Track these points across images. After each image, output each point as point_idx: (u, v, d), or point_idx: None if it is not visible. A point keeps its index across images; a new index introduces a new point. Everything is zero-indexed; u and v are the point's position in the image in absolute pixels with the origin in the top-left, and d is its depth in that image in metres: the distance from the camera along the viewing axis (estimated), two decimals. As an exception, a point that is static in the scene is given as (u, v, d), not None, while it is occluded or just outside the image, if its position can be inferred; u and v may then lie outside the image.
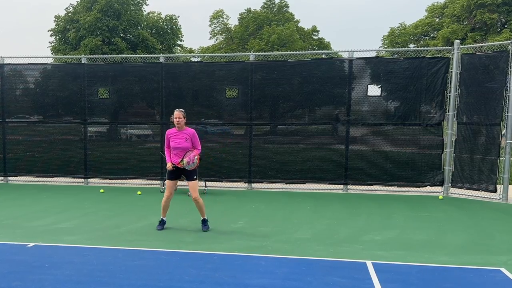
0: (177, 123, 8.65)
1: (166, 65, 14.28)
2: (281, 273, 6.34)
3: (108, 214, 10.50)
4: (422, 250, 7.56)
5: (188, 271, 6.39)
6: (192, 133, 8.70)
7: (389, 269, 6.55)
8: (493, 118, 12.06)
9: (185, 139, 8.64)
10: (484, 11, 37.19)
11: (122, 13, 38.79)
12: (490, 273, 6.43)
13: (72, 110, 15.16)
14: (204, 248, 7.59)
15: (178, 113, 8.66)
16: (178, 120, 8.63)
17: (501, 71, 11.87)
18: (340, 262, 6.89)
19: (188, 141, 8.64)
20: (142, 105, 15.40)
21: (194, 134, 8.71)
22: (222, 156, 14.32)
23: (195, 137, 8.71)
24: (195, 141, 8.71)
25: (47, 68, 15.62)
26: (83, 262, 6.80)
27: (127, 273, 6.33)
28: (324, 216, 10.21)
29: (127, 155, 15.06)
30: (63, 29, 40.48)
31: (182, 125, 8.68)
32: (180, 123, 8.64)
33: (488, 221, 9.81)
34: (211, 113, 14.55)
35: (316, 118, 14.14)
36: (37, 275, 6.23)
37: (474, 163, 12.42)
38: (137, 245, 7.78)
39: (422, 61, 12.94)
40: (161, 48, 41.87)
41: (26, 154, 15.43)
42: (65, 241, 8.04)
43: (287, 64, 13.78)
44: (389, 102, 13.66)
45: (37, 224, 9.32)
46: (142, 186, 14.46)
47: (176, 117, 8.63)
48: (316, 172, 13.70)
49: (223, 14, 48.92)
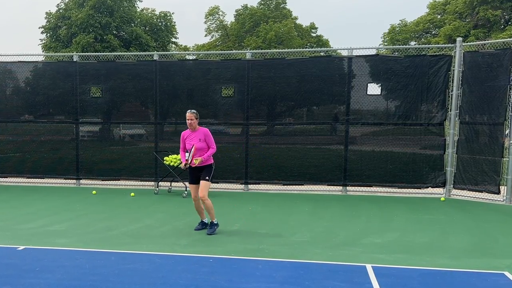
0: (189, 125, 8.72)
1: (160, 63, 14.27)
2: (278, 277, 6.33)
3: (100, 216, 10.48)
4: (423, 253, 7.56)
5: (183, 275, 6.38)
6: (206, 133, 8.73)
7: (389, 273, 6.54)
8: (496, 118, 12.07)
9: (198, 139, 8.65)
10: (487, 8, 37.28)
11: (115, 9, 38.81)
12: (494, 277, 6.43)
13: (63, 109, 15.14)
14: (200, 251, 7.57)
15: (190, 114, 8.69)
16: (190, 122, 8.69)
17: (504, 69, 11.89)
18: (339, 266, 6.88)
19: (202, 141, 8.65)
20: (135, 104, 15.39)
21: (207, 134, 8.73)
22: (218, 156, 14.23)
23: (208, 137, 8.72)
24: (208, 140, 8.72)
25: (38, 66, 15.61)
26: (75, 266, 6.78)
27: (120, 277, 6.31)
28: (322, 218, 10.21)
29: (120, 156, 15.04)
30: (55, 26, 40.50)
31: (194, 126, 8.72)
32: (192, 125, 8.70)
33: (492, 224, 9.82)
34: (207, 113, 14.53)
35: (314, 118, 14.15)
36: (28, 279, 6.21)
37: (477, 164, 12.43)
38: (130, 248, 7.76)
39: (423, 59, 12.95)
40: (155, 45, 41.90)
41: (15, 154, 15.39)
42: (56, 244, 8.01)
43: (284, 62, 13.79)
44: (390, 101, 13.68)
45: (28, 227, 9.29)
46: (136, 188, 14.44)
47: (188, 119, 8.68)
48: (314, 173, 13.70)
49: (219, 11, 48.89)
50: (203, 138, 8.68)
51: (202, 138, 8.67)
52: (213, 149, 8.73)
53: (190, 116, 8.68)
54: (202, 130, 8.75)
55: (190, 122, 8.67)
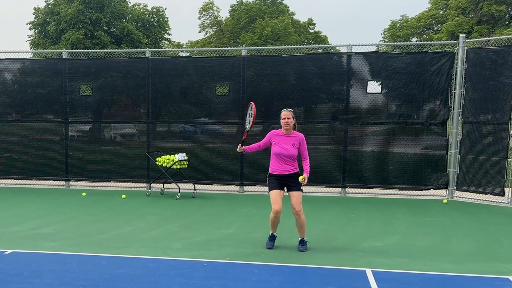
0: (285, 124, 7.74)
1: (152, 60, 14.25)
2: (275, 282, 6.34)
3: (90, 219, 10.45)
4: (425, 257, 7.57)
5: (176, 280, 6.38)
6: (301, 139, 7.83)
7: (390, 278, 6.56)
8: (500, 117, 12.10)
9: (292, 144, 7.75)
10: (491, 3, 37.35)
11: (106, 5, 38.72)
12: (498, 282, 6.44)
13: (52, 108, 15.11)
14: (193, 255, 7.57)
15: (287, 112, 7.77)
16: (286, 121, 7.73)
17: (509, 67, 11.92)
18: (338, 270, 6.89)
19: (296, 147, 7.76)
20: (127, 103, 15.39)
21: (303, 140, 7.83)
22: (212, 157, 14.31)
23: (303, 144, 7.83)
24: (303, 149, 7.84)
25: (25, 63, 15.57)
26: (64, 270, 6.76)
27: (111, 282, 6.30)
28: (321, 221, 10.21)
29: (111, 156, 15.03)
30: (43, 22, 40.40)
31: (291, 127, 7.79)
32: (289, 125, 7.75)
33: (496, 227, 9.85)
34: (201, 112, 14.55)
35: (312, 117, 14.16)
36: (15, 284, 6.19)
37: (481, 164, 12.46)
38: (121, 252, 7.74)
39: (425, 56, 12.97)
40: (147, 42, 41.87)
41: (3, 154, 15.34)
42: (45, 247, 7.99)
43: (281, 59, 13.78)
44: (390, 100, 13.70)
45: (15, 230, 9.27)
46: (127, 189, 14.42)
47: (284, 117, 7.74)
48: (312, 174, 13.58)
49: (213, 6, 48.93)
50: (297, 144, 7.78)
51: (297, 144, 7.78)
52: (307, 160, 7.86)
53: (287, 115, 7.74)
54: (298, 135, 7.84)
55: (287, 122, 7.72)
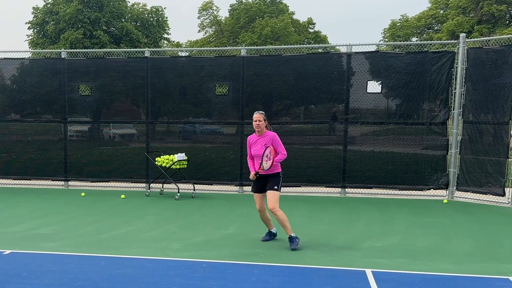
0: (256, 126, 8.03)
1: (151, 60, 14.26)
2: (275, 283, 6.34)
3: (89, 219, 10.46)
4: (425, 257, 7.58)
5: (176, 280, 6.38)
6: (273, 138, 8.02)
7: (390, 278, 6.56)
8: (501, 117, 12.11)
9: (264, 144, 8.00)
10: (492, 2, 37.33)
11: (105, 4, 38.74)
12: (498, 282, 6.45)
13: (51, 108, 15.09)
14: (193, 255, 7.58)
15: (258, 115, 8.03)
16: (258, 124, 8.01)
17: (510, 66, 11.92)
18: (338, 271, 6.89)
19: (267, 146, 7.96)
20: (126, 102, 15.37)
21: (275, 138, 8.02)
22: (212, 157, 14.31)
23: (276, 141, 8.01)
24: (277, 145, 8.00)
25: (24, 63, 15.56)
26: (63, 271, 6.77)
27: (110, 282, 6.31)
28: (320, 222, 10.22)
29: (110, 156, 15.03)
30: (42, 22, 40.41)
31: (262, 129, 8.06)
32: (260, 127, 8.02)
33: (496, 227, 9.85)
34: (200, 111, 14.54)
35: (312, 117, 14.16)
36: (14, 285, 6.20)
37: (481, 164, 12.46)
38: (120, 252, 7.75)
39: (425, 56, 12.98)
40: (146, 41, 41.87)
41: (1, 155, 15.34)
42: (44, 248, 8.00)
43: (281, 59, 13.78)
44: (390, 100, 13.70)
45: (14, 230, 9.27)
46: (126, 190, 14.42)
47: (256, 120, 8.02)
48: (312, 174, 13.70)
49: (213, 6, 48.88)
50: (269, 143, 7.98)
51: (269, 144, 7.96)
52: (283, 154, 8.03)
53: (258, 117, 8.01)
54: (269, 134, 8.07)
55: (258, 124, 8.01)
